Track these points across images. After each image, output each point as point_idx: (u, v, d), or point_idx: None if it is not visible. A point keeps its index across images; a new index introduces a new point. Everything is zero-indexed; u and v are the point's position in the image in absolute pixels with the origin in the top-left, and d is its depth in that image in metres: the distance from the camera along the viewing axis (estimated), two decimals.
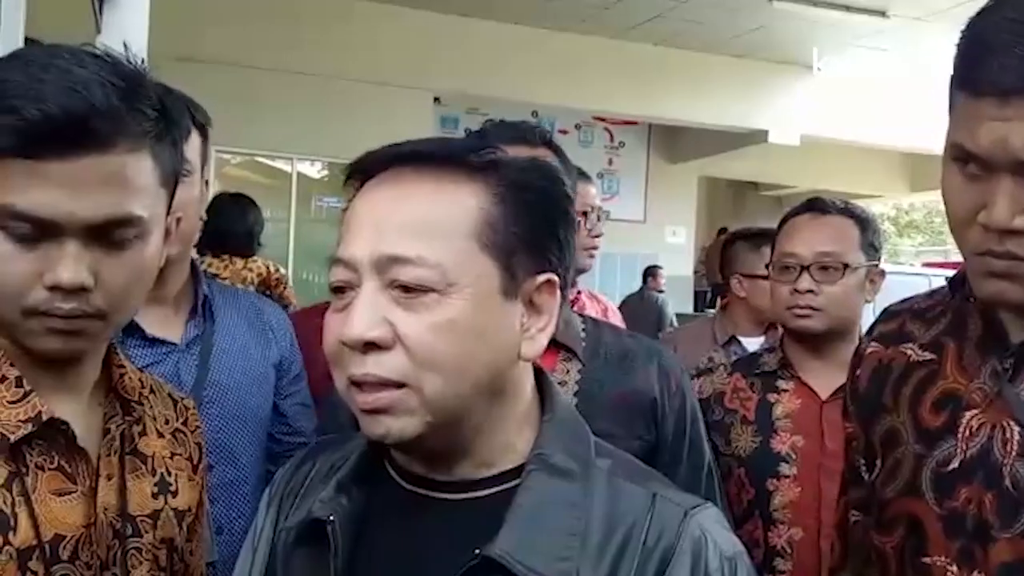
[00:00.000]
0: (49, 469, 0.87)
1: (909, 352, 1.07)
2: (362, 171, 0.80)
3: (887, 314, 1.17)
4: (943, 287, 1.11)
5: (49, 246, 0.81)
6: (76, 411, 0.91)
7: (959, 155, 0.91)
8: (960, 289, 1.03)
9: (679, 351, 2.45)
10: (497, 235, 0.75)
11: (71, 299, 0.82)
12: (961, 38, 0.92)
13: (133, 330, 1.38)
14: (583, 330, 1.36)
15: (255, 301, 1.64)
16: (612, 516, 0.77)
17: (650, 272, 9.14)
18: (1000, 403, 0.96)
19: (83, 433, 0.89)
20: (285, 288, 3.37)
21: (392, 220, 0.74)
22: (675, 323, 7.95)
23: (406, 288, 0.73)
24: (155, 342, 1.40)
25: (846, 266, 1.71)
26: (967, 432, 0.97)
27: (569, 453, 0.79)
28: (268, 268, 3.31)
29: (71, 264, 0.81)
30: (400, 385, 0.73)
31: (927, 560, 0.98)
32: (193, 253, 1.55)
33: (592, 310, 2.33)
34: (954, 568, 0.95)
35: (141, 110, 0.84)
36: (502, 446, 0.80)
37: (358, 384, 0.74)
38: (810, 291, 1.70)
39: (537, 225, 0.78)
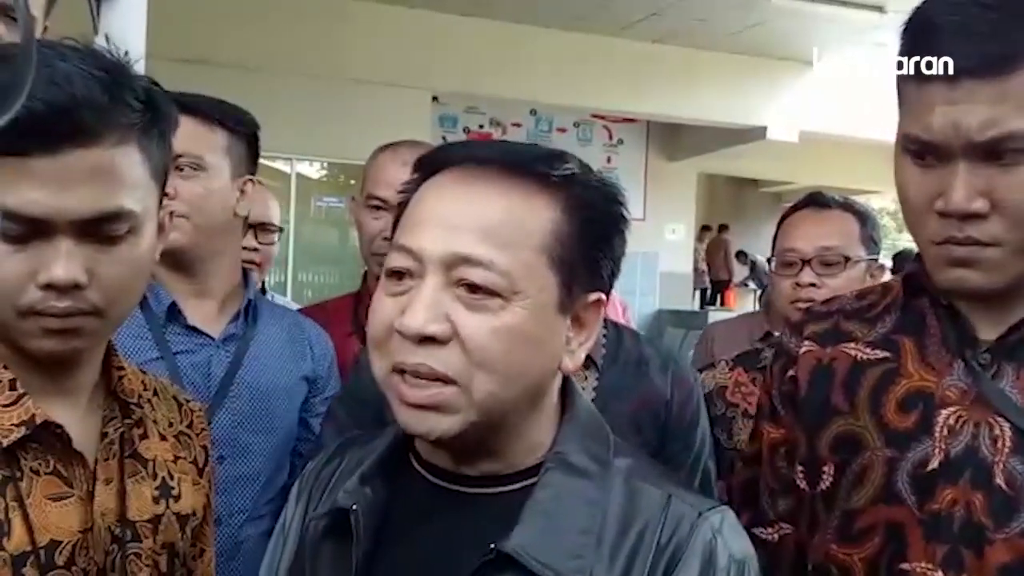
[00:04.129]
0: (45, 474, 0.86)
1: (853, 352, 1.03)
2: (433, 165, 0.81)
3: (813, 315, 1.12)
4: (875, 286, 1.11)
5: (41, 244, 0.80)
6: (73, 414, 0.89)
7: (912, 146, 0.91)
8: (916, 287, 1.01)
9: (716, 346, 2.42)
10: (564, 250, 0.76)
11: (65, 297, 0.81)
12: (905, 29, 0.93)
13: (176, 315, 1.44)
14: (604, 335, 1.35)
15: (300, 320, 1.67)
16: (627, 515, 0.77)
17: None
18: (981, 400, 0.93)
19: (80, 436, 0.88)
20: None
21: (467, 220, 0.75)
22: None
23: (473, 288, 0.73)
24: (193, 331, 1.45)
25: (847, 259, 1.72)
26: (944, 431, 0.93)
27: (587, 452, 0.80)
28: None
29: (64, 261, 0.80)
30: (451, 382, 0.74)
31: (906, 567, 0.93)
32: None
33: None
34: (939, 574, 0.91)
35: (126, 101, 0.82)
36: (529, 446, 0.81)
37: (402, 374, 0.75)
38: (812, 284, 1.71)
39: (597, 244, 0.79)
